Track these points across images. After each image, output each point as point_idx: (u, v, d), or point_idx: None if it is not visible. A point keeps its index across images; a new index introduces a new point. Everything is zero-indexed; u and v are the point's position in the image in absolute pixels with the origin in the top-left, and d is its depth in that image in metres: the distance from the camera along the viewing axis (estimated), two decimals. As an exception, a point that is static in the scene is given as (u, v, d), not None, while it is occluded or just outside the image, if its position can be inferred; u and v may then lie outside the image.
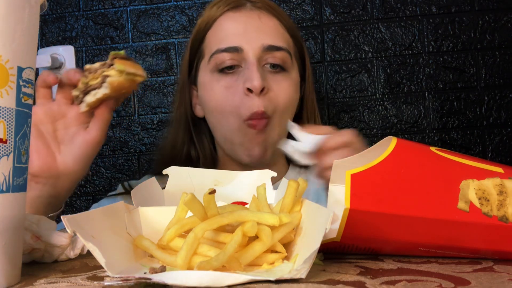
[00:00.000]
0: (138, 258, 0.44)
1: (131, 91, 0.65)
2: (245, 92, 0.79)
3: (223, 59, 0.82)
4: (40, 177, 0.65)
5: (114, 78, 0.61)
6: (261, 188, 0.48)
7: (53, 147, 0.66)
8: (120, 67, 0.60)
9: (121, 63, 0.60)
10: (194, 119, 0.91)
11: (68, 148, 0.66)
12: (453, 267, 0.40)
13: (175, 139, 0.92)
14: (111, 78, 0.61)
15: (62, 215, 0.41)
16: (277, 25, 0.86)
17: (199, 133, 0.91)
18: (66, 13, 1.35)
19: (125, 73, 0.61)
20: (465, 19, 1.26)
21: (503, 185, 0.43)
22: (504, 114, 1.25)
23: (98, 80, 0.62)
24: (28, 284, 0.39)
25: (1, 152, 0.37)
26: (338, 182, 0.43)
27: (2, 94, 0.37)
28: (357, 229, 0.43)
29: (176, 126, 0.92)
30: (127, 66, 0.61)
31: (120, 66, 0.60)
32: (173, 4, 1.33)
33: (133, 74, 0.62)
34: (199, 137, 0.91)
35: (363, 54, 1.28)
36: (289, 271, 0.37)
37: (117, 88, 0.62)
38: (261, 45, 0.82)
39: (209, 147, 0.91)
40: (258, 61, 0.81)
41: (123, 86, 0.62)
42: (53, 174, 0.65)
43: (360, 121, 1.27)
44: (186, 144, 0.90)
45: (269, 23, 0.85)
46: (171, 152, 0.92)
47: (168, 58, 1.33)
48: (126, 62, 0.61)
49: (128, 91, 0.64)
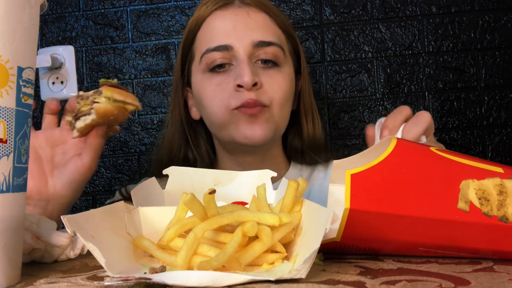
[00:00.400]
0: (138, 258, 0.44)
1: (122, 118, 0.66)
2: (236, 88, 0.79)
3: (213, 58, 0.82)
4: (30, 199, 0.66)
5: (101, 105, 0.62)
6: (261, 188, 0.48)
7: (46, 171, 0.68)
8: (106, 93, 0.62)
9: (108, 90, 0.62)
10: (191, 121, 0.91)
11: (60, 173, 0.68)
12: (453, 267, 0.40)
13: (171, 142, 0.92)
14: (98, 104, 0.62)
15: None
16: (267, 21, 0.85)
17: (195, 136, 0.91)
18: (66, 13, 1.35)
19: (112, 100, 0.62)
20: (465, 19, 1.26)
21: (503, 185, 0.43)
22: (504, 114, 1.25)
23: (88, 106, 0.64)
24: (28, 284, 0.39)
25: (1, 152, 0.37)
26: (338, 182, 0.43)
27: (2, 94, 0.37)
28: (357, 229, 0.43)
29: (171, 129, 0.92)
30: (115, 93, 0.62)
31: (107, 93, 0.62)
32: (173, 4, 1.33)
33: (122, 102, 0.63)
34: (195, 140, 0.91)
35: (363, 54, 1.28)
36: (289, 271, 0.37)
37: (103, 115, 0.63)
38: (251, 41, 0.81)
39: (206, 149, 0.91)
40: (249, 58, 0.81)
41: (111, 112, 0.63)
42: (43, 197, 0.67)
43: (360, 121, 1.27)
44: (182, 147, 0.90)
45: (258, 19, 0.84)
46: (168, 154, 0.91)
47: (168, 58, 1.33)
48: (114, 89, 0.62)
49: (117, 118, 0.65)
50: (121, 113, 0.64)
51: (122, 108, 0.63)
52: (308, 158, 0.91)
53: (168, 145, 0.92)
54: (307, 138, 0.90)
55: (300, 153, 0.92)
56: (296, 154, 0.93)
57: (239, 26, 0.82)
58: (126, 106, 0.63)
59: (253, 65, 0.81)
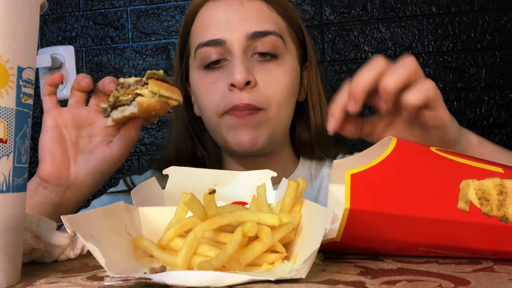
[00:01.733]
0: (138, 258, 0.44)
1: (163, 113, 0.60)
2: (229, 88, 0.74)
3: (207, 54, 0.77)
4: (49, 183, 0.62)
5: (144, 99, 0.57)
6: (261, 188, 0.48)
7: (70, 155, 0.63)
8: (153, 88, 0.57)
9: (155, 84, 0.57)
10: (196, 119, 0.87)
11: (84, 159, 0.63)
12: (453, 267, 0.40)
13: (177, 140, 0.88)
14: (142, 98, 0.57)
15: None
16: (263, 8, 0.78)
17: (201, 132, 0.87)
18: (66, 13, 1.35)
19: (158, 95, 0.57)
20: (465, 19, 1.26)
21: (503, 185, 0.43)
22: (504, 114, 1.25)
23: (129, 97, 0.58)
24: (28, 284, 0.39)
25: (1, 152, 0.37)
26: (338, 182, 0.43)
27: (2, 94, 0.37)
28: (357, 229, 0.43)
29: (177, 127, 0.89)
30: (162, 88, 0.57)
31: (154, 87, 0.56)
32: (173, 4, 1.33)
33: (167, 97, 0.58)
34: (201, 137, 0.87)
35: (363, 54, 1.28)
36: (289, 271, 0.37)
37: (146, 109, 0.58)
38: (245, 33, 0.75)
39: (213, 145, 0.86)
40: (244, 51, 0.75)
41: (153, 107, 0.58)
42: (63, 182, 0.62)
43: (360, 121, 1.27)
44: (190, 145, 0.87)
45: (252, 8, 0.78)
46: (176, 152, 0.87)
47: (168, 58, 1.33)
48: (162, 84, 0.58)
49: (158, 113, 0.59)
50: (163, 108, 0.59)
51: (165, 103, 0.58)
52: (317, 152, 0.86)
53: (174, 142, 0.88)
54: (314, 130, 0.85)
55: (309, 148, 0.87)
56: (305, 148, 0.88)
57: (232, 17, 0.77)
58: (170, 102, 0.59)
59: (249, 60, 0.76)
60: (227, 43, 0.76)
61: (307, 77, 0.85)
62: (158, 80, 0.58)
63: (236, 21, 0.76)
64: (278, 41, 0.77)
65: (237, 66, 0.73)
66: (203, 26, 0.79)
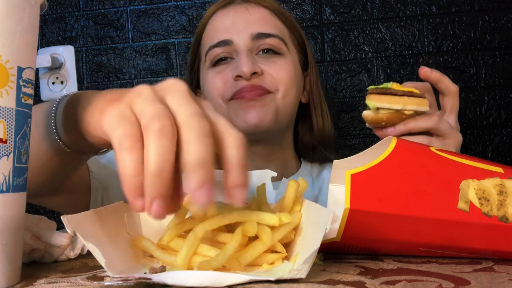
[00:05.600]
0: (138, 258, 0.44)
1: (399, 121, 0.59)
2: (235, 79, 0.80)
3: (215, 54, 0.84)
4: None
5: (368, 113, 0.59)
6: (261, 188, 0.48)
7: None
8: (369, 103, 0.57)
9: (372, 99, 0.57)
10: None
11: None
12: (453, 267, 0.40)
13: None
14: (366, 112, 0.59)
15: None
16: (266, 14, 0.86)
17: None
18: (66, 13, 1.35)
19: (375, 109, 0.57)
20: (465, 19, 1.26)
21: (503, 185, 0.43)
22: (504, 114, 1.25)
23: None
24: (28, 284, 0.39)
25: (1, 152, 0.37)
26: (338, 182, 0.43)
27: (2, 94, 0.37)
28: (357, 229, 0.43)
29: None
30: (381, 101, 0.57)
31: (370, 102, 0.57)
32: (173, 4, 1.33)
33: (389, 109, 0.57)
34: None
35: (363, 54, 1.28)
36: (289, 271, 0.37)
37: (372, 122, 0.59)
38: (250, 34, 0.82)
39: None
40: (249, 50, 0.82)
41: (380, 120, 0.58)
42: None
43: (360, 121, 1.27)
44: None
45: (257, 13, 0.86)
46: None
47: (168, 58, 1.33)
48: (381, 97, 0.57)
49: (390, 122, 0.59)
50: (394, 118, 0.58)
51: (393, 114, 0.58)
52: (318, 154, 0.92)
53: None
54: (317, 131, 0.91)
55: (311, 149, 0.93)
56: (307, 150, 0.93)
57: (238, 21, 0.84)
58: (403, 112, 0.57)
59: (254, 57, 0.82)
60: (234, 43, 0.82)
61: (309, 80, 0.92)
62: (378, 93, 0.58)
63: (242, 25, 0.84)
64: (280, 43, 0.84)
65: (242, 60, 0.79)
66: (213, 31, 0.87)
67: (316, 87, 0.91)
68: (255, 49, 0.83)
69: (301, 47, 0.91)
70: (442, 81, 0.63)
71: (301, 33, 0.92)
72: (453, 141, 0.61)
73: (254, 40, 0.82)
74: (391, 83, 0.59)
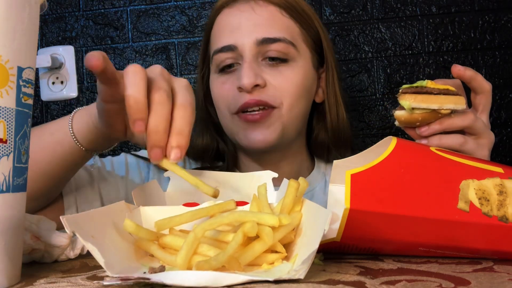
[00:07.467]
0: (139, 258, 0.44)
1: (434, 119, 0.57)
2: (238, 89, 0.78)
3: (221, 59, 0.81)
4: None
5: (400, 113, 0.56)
6: (262, 188, 0.48)
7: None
8: (403, 103, 0.55)
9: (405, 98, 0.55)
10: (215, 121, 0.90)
11: None
12: (453, 267, 0.40)
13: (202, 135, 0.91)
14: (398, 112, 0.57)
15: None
16: (275, 13, 0.81)
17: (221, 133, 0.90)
18: (66, 13, 1.35)
19: (410, 109, 0.55)
20: (465, 19, 1.26)
21: (503, 185, 0.43)
22: (504, 114, 1.25)
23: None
24: (28, 284, 0.39)
25: (1, 152, 0.37)
26: (338, 182, 0.43)
27: (2, 94, 0.37)
28: (357, 229, 0.43)
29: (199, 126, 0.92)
30: (417, 101, 0.54)
31: (404, 102, 0.55)
32: (173, 4, 1.33)
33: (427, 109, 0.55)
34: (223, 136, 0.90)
35: (363, 54, 1.28)
36: (288, 272, 0.37)
37: (404, 123, 0.57)
38: (255, 39, 0.79)
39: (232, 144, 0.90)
40: (255, 56, 0.79)
41: (415, 120, 0.56)
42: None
43: (360, 121, 1.27)
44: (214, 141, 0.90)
45: (263, 14, 0.81)
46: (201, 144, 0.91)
47: (168, 58, 1.33)
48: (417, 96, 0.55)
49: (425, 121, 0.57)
50: (430, 117, 0.56)
51: (429, 113, 0.55)
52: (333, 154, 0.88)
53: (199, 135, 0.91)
54: (331, 131, 0.87)
55: (326, 149, 0.89)
56: (321, 150, 0.90)
57: (244, 23, 0.80)
58: (439, 111, 0.55)
59: (259, 64, 0.79)
60: (239, 48, 0.79)
61: (325, 78, 0.87)
62: (412, 93, 0.56)
63: (247, 27, 0.80)
64: (288, 47, 0.80)
65: (244, 71, 0.77)
66: (218, 34, 0.84)
67: (332, 86, 0.86)
68: (261, 55, 0.80)
69: (316, 43, 0.86)
70: (476, 79, 0.60)
71: (316, 27, 0.86)
72: (487, 140, 0.59)
73: (260, 46, 0.79)
74: (426, 81, 0.56)
